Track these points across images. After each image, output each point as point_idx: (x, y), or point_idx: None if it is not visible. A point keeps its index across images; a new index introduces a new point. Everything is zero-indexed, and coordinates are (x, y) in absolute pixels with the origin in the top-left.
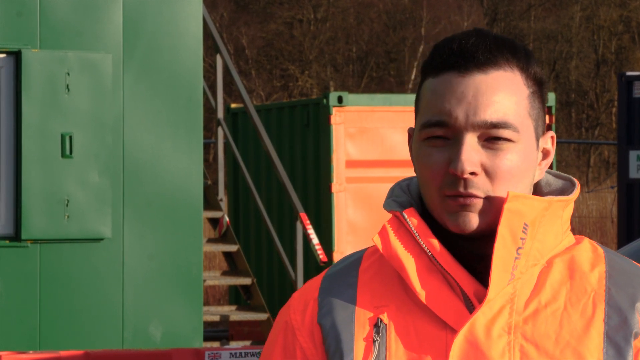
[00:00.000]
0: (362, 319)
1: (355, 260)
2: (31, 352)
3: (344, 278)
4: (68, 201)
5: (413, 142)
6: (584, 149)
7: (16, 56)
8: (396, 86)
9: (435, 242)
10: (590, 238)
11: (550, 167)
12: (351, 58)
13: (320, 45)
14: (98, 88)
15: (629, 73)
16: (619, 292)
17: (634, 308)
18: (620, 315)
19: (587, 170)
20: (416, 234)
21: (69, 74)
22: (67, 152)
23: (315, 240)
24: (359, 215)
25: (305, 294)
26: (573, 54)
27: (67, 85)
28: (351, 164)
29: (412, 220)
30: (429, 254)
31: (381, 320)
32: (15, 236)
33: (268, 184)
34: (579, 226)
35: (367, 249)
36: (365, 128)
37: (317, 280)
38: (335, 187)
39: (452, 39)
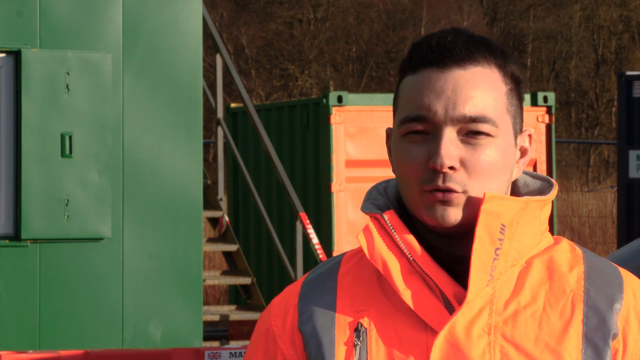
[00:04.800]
0: (342, 323)
1: (334, 265)
2: (31, 351)
3: (324, 283)
4: (68, 201)
5: (392, 140)
6: (584, 149)
7: (16, 56)
8: (396, 86)
9: (415, 245)
10: (590, 238)
11: (550, 166)
12: (351, 58)
13: (320, 45)
14: (98, 88)
15: (629, 73)
16: (597, 293)
17: (612, 309)
18: (598, 316)
19: (587, 170)
20: (396, 236)
21: (68, 74)
22: (67, 152)
23: (315, 240)
24: (358, 215)
25: (285, 300)
26: (573, 53)
27: (67, 85)
28: (351, 163)
29: (392, 222)
30: (409, 256)
31: (361, 325)
32: (15, 236)
33: (268, 183)
34: (578, 225)
35: (345, 253)
36: (365, 128)
37: (296, 286)
38: (335, 186)
39: (430, 36)
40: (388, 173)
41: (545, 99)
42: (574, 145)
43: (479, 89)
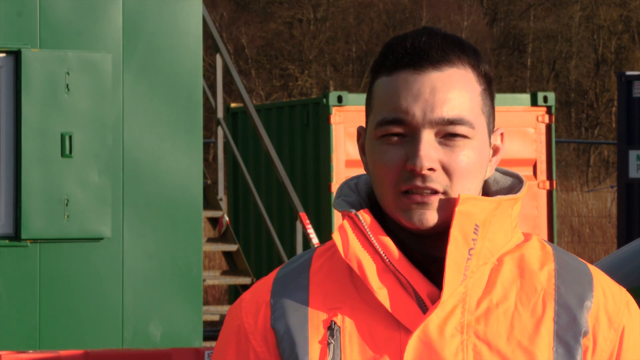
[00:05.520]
0: (315, 321)
1: (305, 261)
2: (31, 351)
3: (296, 280)
4: (68, 201)
5: (366, 141)
6: (584, 149)
7: (16, 56)
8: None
9: (390, 245)
10: (590, 238)
11: (550, 166)
12: (351, 58)
13: (320, 44)
14: (98, 88)
15: (629, 73)
16: (568, 291)
17: (583, 307)
18: (569, 314)
19: (586, 169)
20: (370, 236)
21: (68, 74)
22: (67, 151)
23: (315, 239)
24: None
25: (257, 297)
26: (573, 53)
27: (67, 85)
28: (351, 163)
29: (367, 221)
30: (383, 256)
31: (335, 323)
32: (15, 236)
33: (268, 183)
34: (578, 225)
35: (315, 248)
36: None
37: (267, 282)
38: (335, 186)
39: (403, 37)
40: None
41: (545, 99)
42: (574, 145)
43: (455, 90)
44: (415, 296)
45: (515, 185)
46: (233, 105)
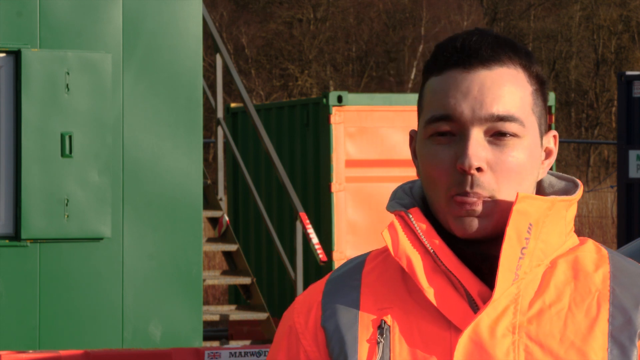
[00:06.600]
0: (365, 321)
1: (358, 264)
2: (31, 351)
3: (347, 281)
4: (68, 201)
5: (417, 142)
6: (584, 149)
7: (16, 56)
8: (396, 86)
9: (440, 242)
10: (590, 237)
11: (550, 167)
12: (351, 57)
13: (319, 44)
14: (98, 88)
15: (629, 72)
16: (623, 293)
17: (638, 308)
18: (624, 315)
19: (586, 169)
20: (420, 234)
21: (68, 74)
22: (67, 151)
23: (315, 239)
24: (358, 215)
25: (309, 298)
26: (573, 53)
27: (67, 85)
28: (351, 163)
29: (417, 220)
30: (433, 254)
31: (385, 322)
32: (15, 236)
33: (268, 183)
34: (578, 225)
35: (369, 252)
36: (365, 127)
37: (320, 284)
38: (335, 186)
39: (454, 37)
40: (388, 173)
41: None
42: (574, 145)
43: (505, 88)
44: (466, 295)
45: (570, 188)
46: (233, 105)
